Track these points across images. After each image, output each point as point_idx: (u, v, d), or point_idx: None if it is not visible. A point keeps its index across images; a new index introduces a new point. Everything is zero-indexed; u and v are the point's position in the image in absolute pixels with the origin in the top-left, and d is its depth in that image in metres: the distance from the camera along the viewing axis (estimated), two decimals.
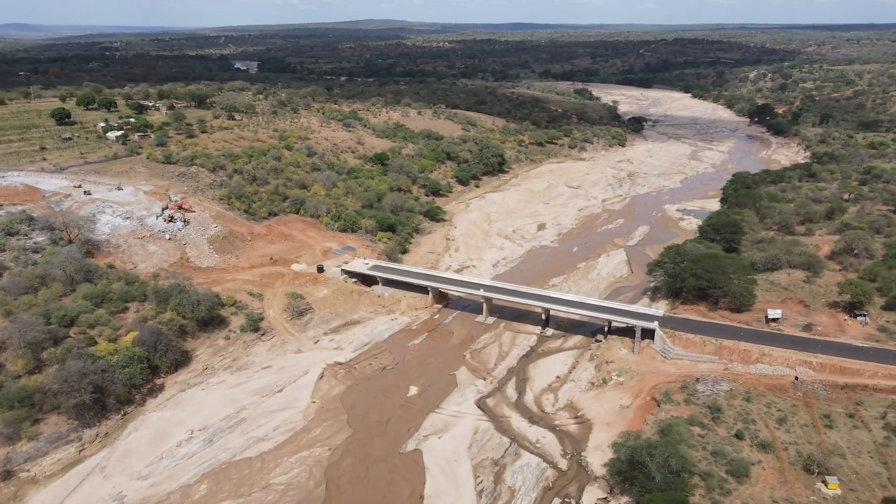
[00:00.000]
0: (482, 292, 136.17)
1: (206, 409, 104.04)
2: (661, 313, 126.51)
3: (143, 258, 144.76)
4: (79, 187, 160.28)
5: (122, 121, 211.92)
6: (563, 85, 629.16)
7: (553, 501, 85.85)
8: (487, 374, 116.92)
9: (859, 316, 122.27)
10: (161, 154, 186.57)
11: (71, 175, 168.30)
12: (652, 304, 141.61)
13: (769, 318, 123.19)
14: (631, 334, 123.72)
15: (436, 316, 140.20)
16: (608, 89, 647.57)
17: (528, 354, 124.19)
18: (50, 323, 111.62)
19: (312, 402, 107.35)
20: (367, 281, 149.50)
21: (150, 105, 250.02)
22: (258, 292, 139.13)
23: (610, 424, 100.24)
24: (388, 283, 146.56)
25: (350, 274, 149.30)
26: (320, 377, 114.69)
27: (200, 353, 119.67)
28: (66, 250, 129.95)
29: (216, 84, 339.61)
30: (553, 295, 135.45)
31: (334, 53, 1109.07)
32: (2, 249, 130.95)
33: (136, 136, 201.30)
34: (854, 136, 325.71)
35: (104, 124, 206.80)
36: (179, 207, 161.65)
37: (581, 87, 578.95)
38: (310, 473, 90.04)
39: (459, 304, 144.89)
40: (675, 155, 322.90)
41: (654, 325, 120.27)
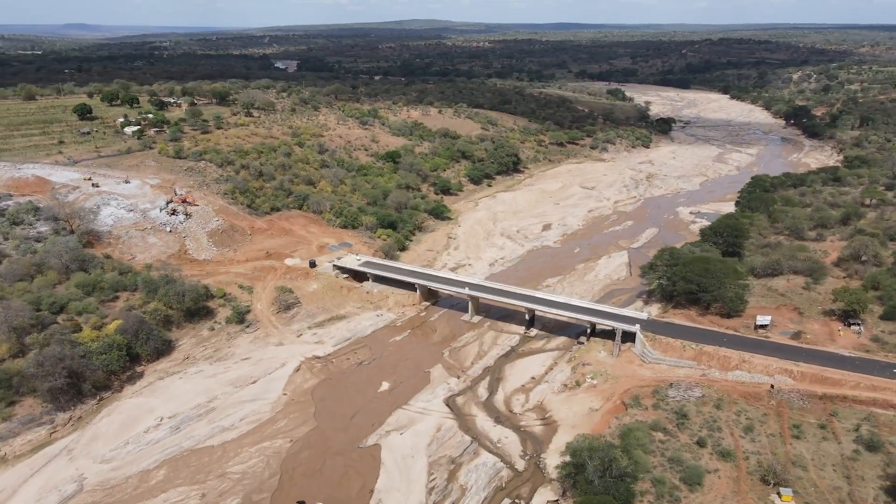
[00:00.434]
0: (467, 291, 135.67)
1: (179, 398, 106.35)
2: (645, 317, 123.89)
3: (142, 249, 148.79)
4: (88, 180, 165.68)
5: (140, 116, 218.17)
6: (597, 85, 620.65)
7: (503, 502, 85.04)
8: (462, 372, 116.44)
9: (853, 325, 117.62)
10: (172, 149, 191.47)
11: (83, 168, 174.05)
12: (645, 308, 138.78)
13: (758, 325, 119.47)
14: (614, 337, 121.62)
15: (422, 313, 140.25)
16: (644, 90, 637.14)
17: (507, 354, 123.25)
18: (40, 309, 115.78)
19: (284, 394, 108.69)
20: (359, 277, 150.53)
21: (172, 102, 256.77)
22: (248, 285, 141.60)
23: (575, 427, 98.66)
24: (378, 279, 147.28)
25: (341, 269, 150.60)
26: (296, 370, 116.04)
27: (183, 343, 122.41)
28: (63, 240, 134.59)
29: (241, 82, 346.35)
30: (537, 295, 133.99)
31: (373, 53, 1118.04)
32: (5, 238, 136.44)
33: (151, 132, 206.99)
34: (892, 140, 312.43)
35: (122, 119, 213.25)
36: (183, 201, 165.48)
37: (614, 88, 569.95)
38: (267, 464, 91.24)
39: (448, 303, 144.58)
40: (699, 157, 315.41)
41: (635, 328, 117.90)
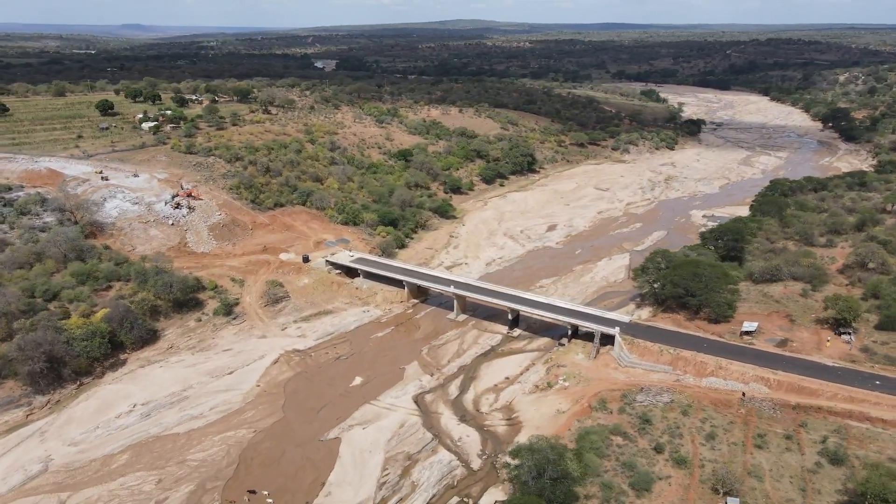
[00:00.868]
0: (452, 289, 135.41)
1: (156, 385, 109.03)
2: (627, 320, 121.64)
3: (143, 241, 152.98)
4: (99, 173, 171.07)
5: (159, 112, 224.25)
6: (633, 86, 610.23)
7: (452, 500, 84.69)
8: (437, 370, 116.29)
9: (844, 334, 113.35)
10: (184, 144, 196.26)
11: (96, 162, 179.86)
12: (636, 311, 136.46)
13: (743, 331, 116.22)
14: (602, 339, 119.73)
15: (409, 310, 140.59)
16: (681, 91, 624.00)
17: (486, 353, 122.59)
18: (34, 296, 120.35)
19: (257, 385, 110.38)
20: (352, 273, 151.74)
21: (194, 99, 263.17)
22: (240, 278, 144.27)
23: (539, 428, 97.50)
24: (369, 276, 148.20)
25: (334, 265, 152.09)
26: (274, 362, 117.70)
27: (169, 333, 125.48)
28: (63, 230, 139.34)
29: (267, 80, 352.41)
30: (522, 296, 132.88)
31: (412, 53, 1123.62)
32: (11, 227, 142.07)
33: (168, 128, 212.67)
34: None
35: (141, 115, 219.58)
36: (189, 195, 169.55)
37: (648, 89, 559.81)
38: (227, 453, 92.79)
39: (437, 301, 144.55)
40: (725, 160, 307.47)
41: (614, 330, 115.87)
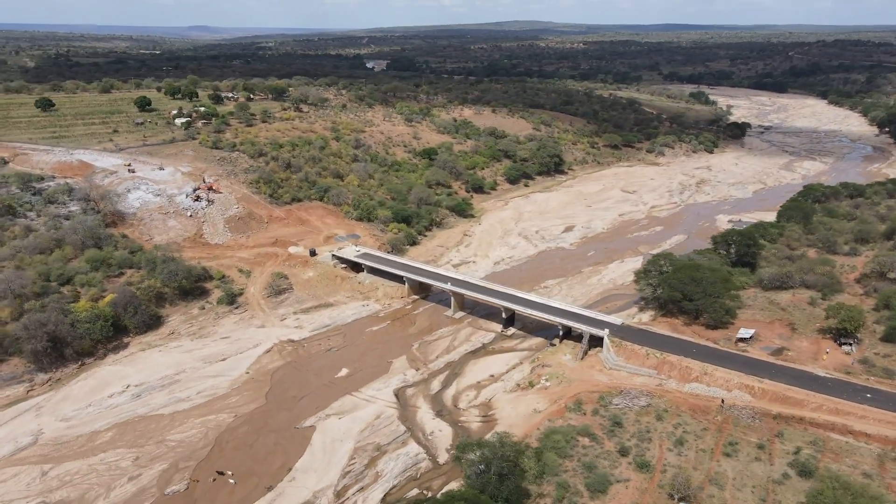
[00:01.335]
0: (449, 286, 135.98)
1: (151, 368, 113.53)
2: (619, 322, 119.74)
3: (161, 231, 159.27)
4: (127, 166, 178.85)
5: (193, 109, 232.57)
6: (684, 88, 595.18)
7: (412, 491, 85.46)
8: (424, 365, 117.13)
9: (845, 344, 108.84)
10: (211, 140, 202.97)
11: (125, 155, 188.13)
12: (638, 314, 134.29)
13: (738, 338, 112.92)
14: (592, 340, 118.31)
15: (408, 306, 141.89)
16: (734, 93, 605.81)
17: (475, 351, 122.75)
18: (49, 280, 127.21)
19: (246, 373, 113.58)
20: (357, 268, 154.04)
21: (230, 96, 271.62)
22: (248, 269, 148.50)
23: (512, 426, 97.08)
24: (373, 271, 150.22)
25: (340, 259, 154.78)
26: (267, 351, 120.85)
27: (173, 319, 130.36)
28: (83, 218, 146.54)
29: (305, 79, 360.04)
30: (517, 295, 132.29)
31: (464, 53, 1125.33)
32: (38, 214, 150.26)
33: (199, 124, 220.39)
34: None
35: (176, 111, 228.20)
36: (209, 188, 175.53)
37: (698, 91, 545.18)
38: (204, 435, 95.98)
39: (437, 298, 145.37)
40: (764, 164, 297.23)
41: (603, 332, 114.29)
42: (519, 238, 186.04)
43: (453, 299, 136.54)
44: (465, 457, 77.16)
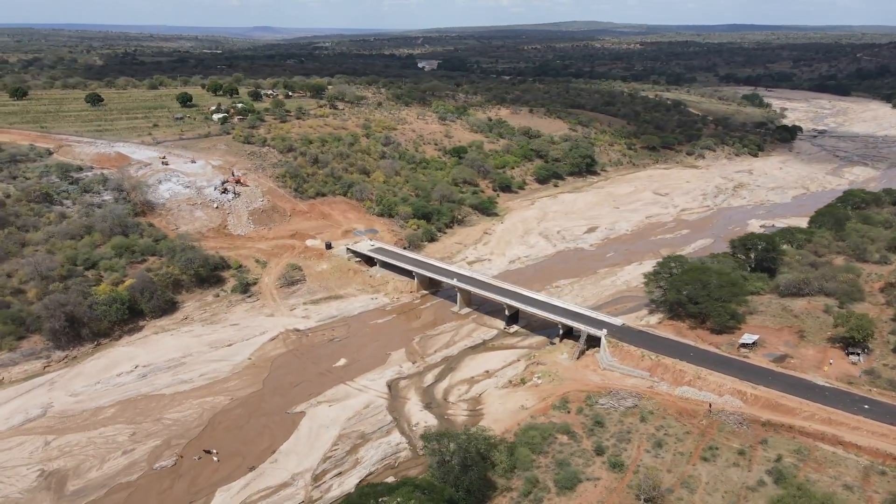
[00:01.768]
0: (455, 282, 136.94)
1: (160, 351, 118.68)
2: (619, 323, 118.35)
3: (187, 221, 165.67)
4: (162, 158, 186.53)
5: (231, 105, 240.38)
6: (738, 89, 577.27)
7: (388, 479, 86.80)
8: (421, 358, 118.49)
9: (853, 354, 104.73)
10: (244, 135, 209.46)
11: (162, 148, 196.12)
12: (647, 316, 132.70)
13: (741, 343, 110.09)
14: (591, 341, 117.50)
15: (416, 300, 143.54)
16: (793, 95, 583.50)
17: (475, 346, 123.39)
18: (76, 264, 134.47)
19: (249, 359, 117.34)
20: (371, 262, 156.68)
21: (269, 93, 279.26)
22: (264, 260, 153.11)
23: (497, 421, 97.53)
24: (385, 265, 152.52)
25: (354, 253, 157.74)
26: (272, 339, 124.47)
27: (187, 305, 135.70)
28: (114, 207, 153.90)
29: (346, 77, 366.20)
30: (521, 293, 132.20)
31: (517, 54, 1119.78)
32: (73, 202, 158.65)
33: (235, 119, 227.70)
34: None
35: (214, 107, 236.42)
36: (237, 181, 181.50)
37: (752, 93, 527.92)
38: (199, 415, 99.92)
39: (446, 294, 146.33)
40: (811, 169, 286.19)
41: (601, 333, 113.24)
42: (539, 237, 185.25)
43: (459, 295, 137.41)
44: (429, 446, 78.04)
